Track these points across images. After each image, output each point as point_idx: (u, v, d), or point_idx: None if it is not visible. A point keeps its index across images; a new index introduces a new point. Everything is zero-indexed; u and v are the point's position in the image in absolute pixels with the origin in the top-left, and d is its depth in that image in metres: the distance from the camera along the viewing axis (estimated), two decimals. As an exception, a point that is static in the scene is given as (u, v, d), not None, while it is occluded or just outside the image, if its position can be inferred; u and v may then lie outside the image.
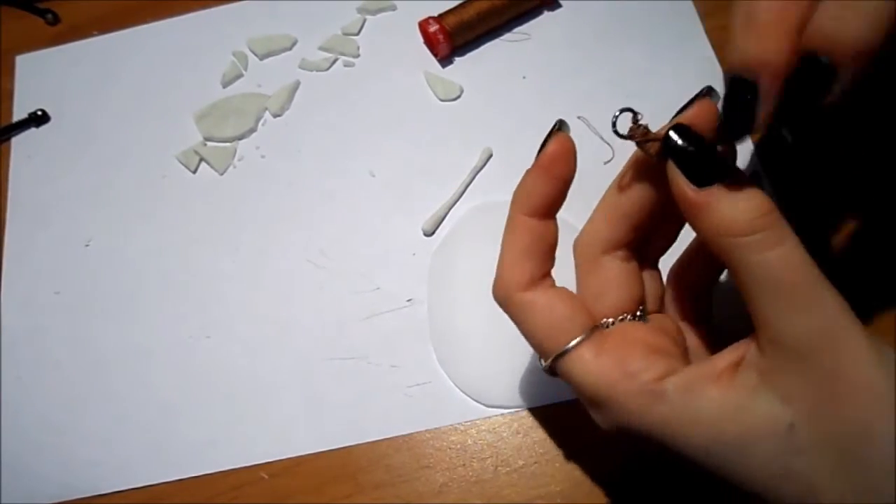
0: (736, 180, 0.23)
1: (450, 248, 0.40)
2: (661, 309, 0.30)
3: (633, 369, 0.24)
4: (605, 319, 0.27)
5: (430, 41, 0.45)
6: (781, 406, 0.22)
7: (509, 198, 0.41)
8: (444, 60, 0.46)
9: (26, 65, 0.51)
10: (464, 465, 0.36)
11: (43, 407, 0.40)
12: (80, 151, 0.47)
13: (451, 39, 0.45)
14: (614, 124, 0.25)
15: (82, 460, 0.38)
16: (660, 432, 0.24)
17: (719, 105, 0.24)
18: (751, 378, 0.23)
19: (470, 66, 0.46)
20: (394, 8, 0.48)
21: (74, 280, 0.43)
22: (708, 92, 0.25)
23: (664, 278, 0.30)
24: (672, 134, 0.24)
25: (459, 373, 0.37)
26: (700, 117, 0.24)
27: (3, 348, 0.42)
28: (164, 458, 0.38)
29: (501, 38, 0.46)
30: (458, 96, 0.45)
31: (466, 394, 0.37)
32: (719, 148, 0.24)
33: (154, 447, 0.38)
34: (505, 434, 0.36)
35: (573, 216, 0.40)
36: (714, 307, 0.30)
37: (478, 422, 0.36)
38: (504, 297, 0.27)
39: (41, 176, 0.47)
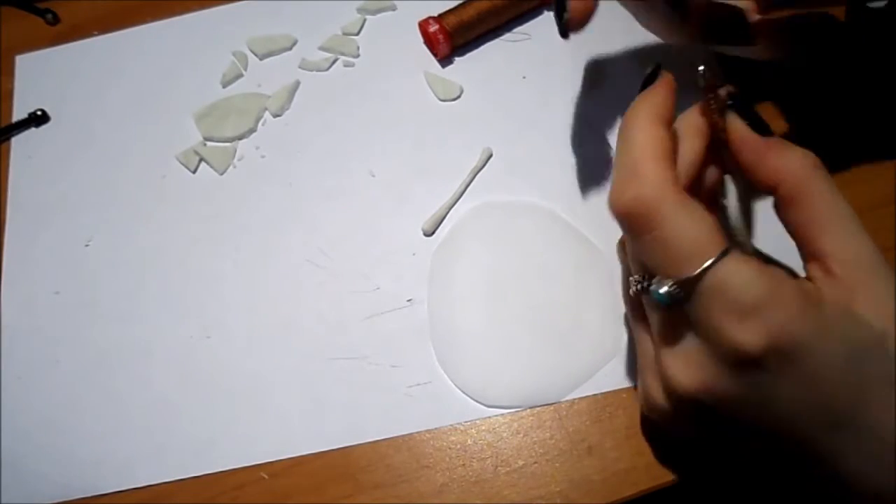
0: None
1: (450, 248, 0.40)
2: None
3: (785, 274, 0.24)
4: None
5: (430, 41, 0.45)
6: (874, 317, 0.24)
7: (509, 197, 0.42)
8: (444, 60, 0.46)
9: (26, 65, 0.51)
10: (464, 465, 0.36)
11: (43, 407, 0.40)
12: (79, 151, 0.47)
13: (451, 39, 0.45)
14: (702, 73, 0.27)
15: (82, 460, 0.38)
16: (816, 337, 0.23)
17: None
18: (840, 302, 0.24)
19: (470, 66, 0.46)
20: (394, 8, 0.48)
21: (74, 280, 0.43)
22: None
23: None
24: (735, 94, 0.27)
25: (459, 373, 0.37)
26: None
27: (3, 348, 0.42)
28: (164, 458, 0.38)
29: (501, 38, 0.46)
30: (458, 96, 0.45)
31: (466, 394, 0.37)
32: None
33: (154, 447, 0.38)
34: (505, 434, 0.36)
35: (573, 215, 0.40)
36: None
37: (478, 422, 0.36)
38: (655, 197, 0.24)
39: (41, 176, 0.47)
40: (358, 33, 0.48)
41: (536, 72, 0.45)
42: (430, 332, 0.38)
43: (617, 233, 0.30)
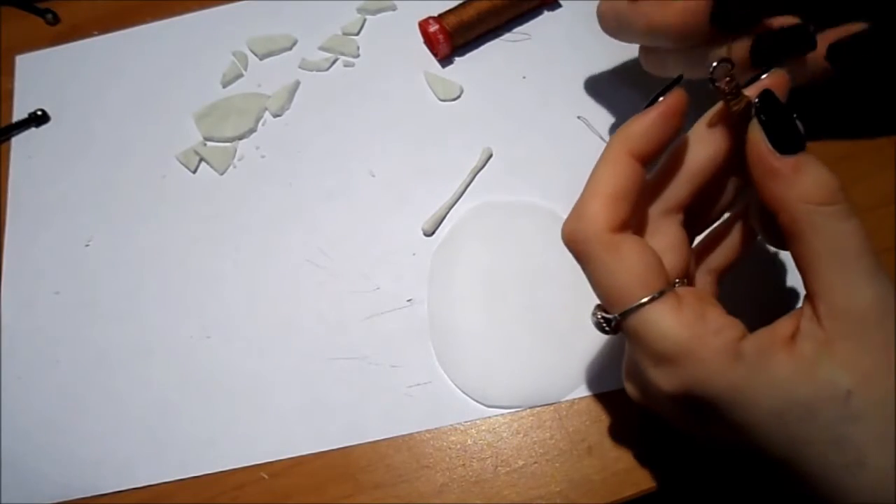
0: (808, 150, 0.24)
1: (450, 248, 0.40)
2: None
3: (716, 325, 0.24)
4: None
5: (430, 41, 0.45)
6: (841, 373, 0.22)
7: (509, 197, 0.41)
8: (444, 60, 0.46)
9: (26, 65, 0.51)
10: (464, 465, 0.36)
11: (43, 407, 0.40)
12: (80, 151, 0.47)
13: (451, 39, 0.45)
14: (712, 73, 0.25)
15: (82, 460, 0.38)
16: (734, 394, 0.23)
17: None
18: (808, 348, 0.23)
19: (470, 66, 0.46)
20: (394, 8, 0.48)
21: (74, 280, 0.43)
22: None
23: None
24: (762, 96, 0.24)
25: (459, 373, 0.37)
26: (776, 86, 0.25)
27: (3, 348, 0.42)
28: (164, 458, 0.38)
29: (501, 38, 0.46)
30: (458, 96, 0.45)
31: (466, 394, 0.37)
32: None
33: (154, 447, 0.38)
34: (505, 434, 0.36)
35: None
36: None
37: (478, 422, 0.36)
38: (586, 236, 0.25)
39: (41, 176, 0.47)
40: (358, 33, 0.48)
41: (536, 72, 0.45)
42: (430, 332, 0.38)
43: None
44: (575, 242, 0.26)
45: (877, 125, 0.39)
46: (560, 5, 0.47)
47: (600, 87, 0.44)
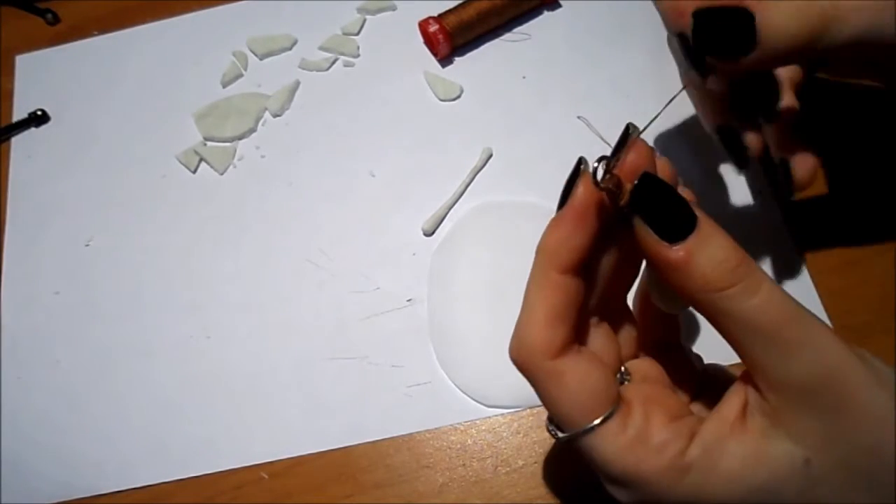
0: (702, 225, 0.22)
1: (450, 247, 0.40)
2: (636, 352, 0.28)
3: (658, 442, 0.23)
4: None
5: (429, 41, 0.45)
6: (794, 445, 0.22)
7: (509, 197, 0.42)
8: (444, 60, 0.46)
9: (26, 65, 0.51)
10: (464, 465, 0.36)
11: (43, 407, 0.40)
12: (80, 151, 0.47)
13: (450, 39, 0.45)
14: (594, 174, 0.23)
15: (83, 460, 0.38)
16: (693, 501, 0.23)
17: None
18: (759, 422, 0.23)
19: (470, 66, 0.46)
20: (394, 8, 0.48)
21: (75, 280, 0.43)
22: (633, 129, 0.24)
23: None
24: (637, 186, 0.22)
25: (459, 373, 0.37)
26: (643, 159, 0.23)
27: (3, 348, 0.42)
28: (164, 458, 0.38)
29: (501, 38, 0.46)
30: (458, 96, 0.45)
31: (466, 394, 0.37)
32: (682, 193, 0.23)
33: (155, 447, 0.38)
34: (505, 434, 0.36)
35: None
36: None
37: (478, 422, 0.36)
38: (527, 363, 0.24)
39: (41, 176, 0.47)
40: (358, 33, 0.48)
41: (536, 72, 0.45)
42: (429, 332, 0.38)
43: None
44: (520, 367, 0.25)
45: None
46: (560, 5, 0.47)
47: (600, 86, 0.44)
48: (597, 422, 0.23)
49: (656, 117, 0.24)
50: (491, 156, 0.43)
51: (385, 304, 0.40)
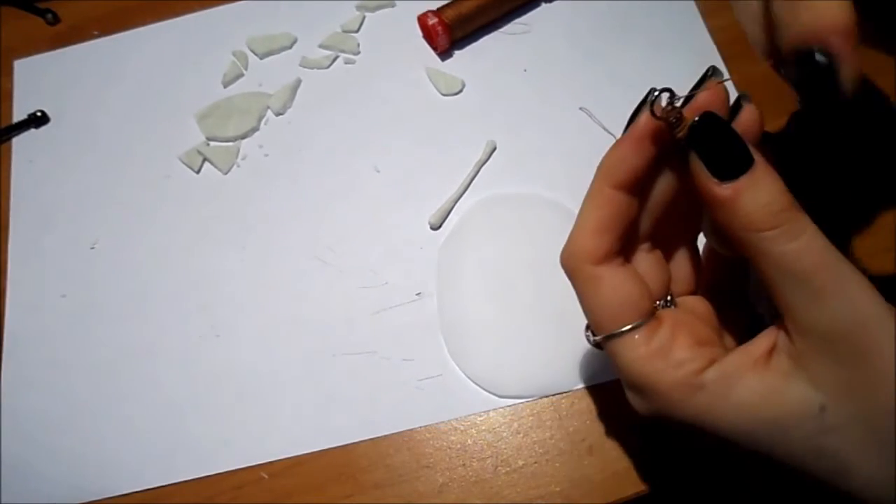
0: (756, 168, 0.23)
1: (457, 241, 0.41)
2: (694, 289, 0.30)
3: (678, 359, 0.25)
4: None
5: (428, 34, 0.46)
6: (813, 389, 0.23)
7: (514, 190, 0.42)
8: (444, 54, 0.46)
9: (26, 66, 0.50)
10: (464, 465, 0.36)
11: (51, 410, 0.40)
12: (82, 153, 0.47)
13: (450, 32, 0.45)
14: (652, 104, 0.24)
15: (91, 463, 0.38)
16: (700, 420, 0.24)
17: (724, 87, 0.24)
18: (784, 363, 0.23)
19: (470, 60, 0.46)
20: (393, 4, 0.49)
21: (81, 283, 0.43)
22: (713, 72, 0.25)
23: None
24: (697, 123, 0.23)
25: (470, 364, 0.37)
26: (715, 101, 0.24)
27: (10, 352, 0.42)
28: (174, 459, 0.38)
29: (501, 30, 0.47)
30: (460, 91, 0.45)
31: (478, 385, 0.37)
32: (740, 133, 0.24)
33: (164, 449, 0.38)
34: (505, 434, 0.36)
35: (577, 205, 0.40)
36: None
37: (478, 422, 0.36)
38: (572, 267, 0.27)
39: (43, 178, 0.47)
40: (358, 30, 0.48)
41: (537, 64, 0.45)
42: (439, 325, 0.39)
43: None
44: (565, 269, 0.27)
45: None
46: (558, -4, 0.47)
47: (601, 77, 0.44)
48: (625, 328, 0.25)
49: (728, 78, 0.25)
50: (495, 149, 0.43)
51: (394, 298, 0.40)
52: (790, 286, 0.22)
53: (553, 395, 0.36)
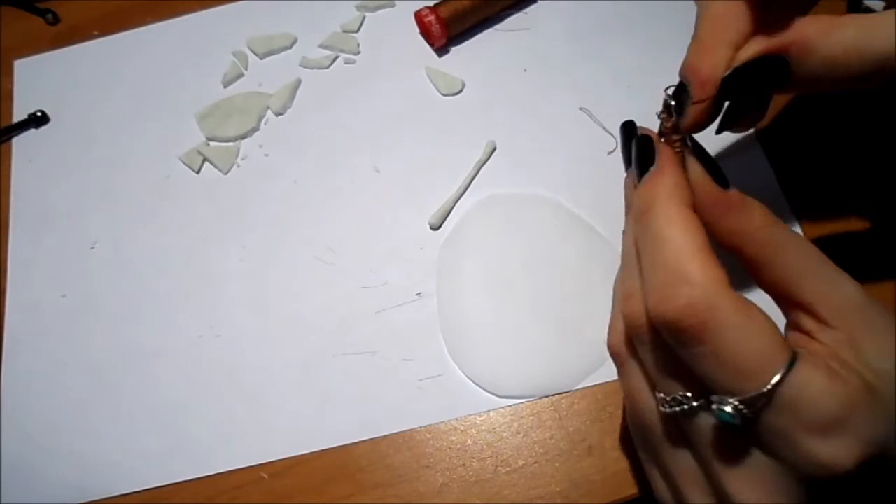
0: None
1: (457, 241, 0.41)
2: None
3: (850, 371, 0.21)
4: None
5: (425, 30, 0.46)
6: (884, 358, 0.22)
7: (514, 190, 0.42)
8: (441, 50, 0.46)
9: (25, 68, 0.50)
10: (464, 465, 0.36)
11: (51, 410, 0.40)
12: (82, 154, 0.47)
13: (446, 28, 0.45)
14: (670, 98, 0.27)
15: (91, 463, 0.38)
16: (888, 432, 0.21)
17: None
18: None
19: (470, 58, 0.46)
20: (392, 4, 0.49)
21: (81, 283, 0.43)
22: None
23: None
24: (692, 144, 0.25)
25: (470, 364, 0.37)
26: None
27: (10, 352, 0.42)
28: (175, 459, 0.38)
29: (499, 28, 0.47)
30: (460, 91, 0.45)
31: (479, 385, 0.37)
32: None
33: (166, 448, 0.38)
34: (505, 434, 0.36)
35: (577, 205, 0.40)
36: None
37: (478, 422, 0.36)
38: (710, 303, 0.21)
39: (43, 179, 0.47)
40: (358, 30, 0.48)
41: (537, 64, 0.45)
42: (439, 325, 0.39)
43: (619, 221, 0.29)
44: (694, 316, 0.21)
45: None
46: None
47: (601, 77, 0.44)
48: (793, 354, 0.21)
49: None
50: (495, 149, 0.43)
51: (394, 298, 0.40)
52: (815, 271, 0.23)
53: (553, 395, 0.36)
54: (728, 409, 0.21)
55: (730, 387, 0.21)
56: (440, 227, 0.41)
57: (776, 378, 0.20)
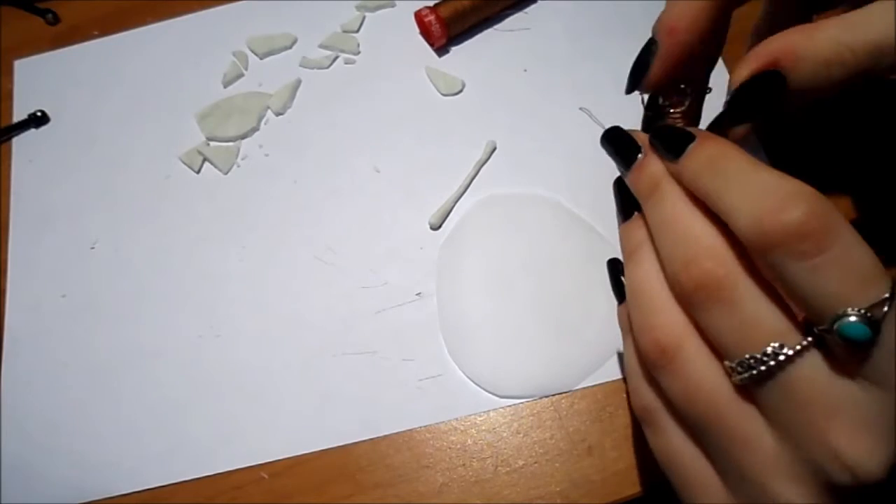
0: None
1: (457, 241, 0.41)
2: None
3: None
4: None
5: (425, 31, 0.46)
6: None
7: (514, 190, 0.42)
8: (441, 50, 0.46)
9: (25, 68, 0.50)
10: (464, 465, 0.36)
11: (51, 410, 0.40)
12: (82, 153, 0.47)
13: (446, 28, 0.45)
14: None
15: (91, 463, 0.38)
16: None
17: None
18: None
19: (470, 58, 0.46)
20: (392, 4, 0.49)
21: (81, 283, 0.43)
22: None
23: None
24: None
25: (471, 364, 0.37)
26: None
27: (10, 352, 0.42)
28: (173, 459, 0.38)
29: (499, 27, 0.47)
30: (460, 91, 0.45)
31: (478, 385, 0.37)
32: None
33: (163, 449, 0.38)
34: (505, 434, 0.36)
35: (577, 205, 0.41)
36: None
37: (478, 422, 0.36)
38: (826, 209, 0.20)
39: (44, 179, 0.47)
40: (358, 30, 0.48)
41: (537, 64, 0.45)
42: (440, 325, 0.39)
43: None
44: (818, 221, 0.20)
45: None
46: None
47: (601, 77, 0.44)
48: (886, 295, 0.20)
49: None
50: (495, 149, 0.43)
51: (394, 298, 0.40)
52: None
53: (553, 395, 0.36)
54: (853, 318, 0.20)
55: (854, 297, 0.20)
56: (440, 227, 0.41)
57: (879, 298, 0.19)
